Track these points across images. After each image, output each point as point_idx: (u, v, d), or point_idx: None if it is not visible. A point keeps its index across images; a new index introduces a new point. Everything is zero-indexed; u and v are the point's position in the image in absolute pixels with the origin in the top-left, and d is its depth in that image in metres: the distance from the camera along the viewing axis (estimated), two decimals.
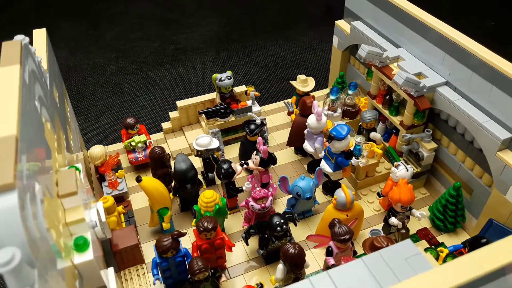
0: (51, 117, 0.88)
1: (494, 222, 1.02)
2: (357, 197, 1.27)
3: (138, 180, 1.07)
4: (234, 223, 1.21)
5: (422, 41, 1.18)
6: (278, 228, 1.00)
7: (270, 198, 1.09)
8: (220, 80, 1.36)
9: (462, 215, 1.13)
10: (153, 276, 0.98)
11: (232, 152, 1.43)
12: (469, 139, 1.11)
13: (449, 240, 1.14)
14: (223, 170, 1.12)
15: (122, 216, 1.20)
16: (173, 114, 1.50)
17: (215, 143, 1.24)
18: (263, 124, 1.29)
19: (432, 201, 1.24)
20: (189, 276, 0.97)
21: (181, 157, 1.17)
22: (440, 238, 1.15)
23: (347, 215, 1.07)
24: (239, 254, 1.14)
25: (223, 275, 1.02)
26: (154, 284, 0.98)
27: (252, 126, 1.27)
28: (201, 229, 0.98)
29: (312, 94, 1.48)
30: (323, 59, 2.13)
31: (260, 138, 1.15)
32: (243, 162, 1.17)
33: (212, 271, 0.99)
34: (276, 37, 2.33)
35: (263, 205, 1.07)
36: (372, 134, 1.29)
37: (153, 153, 1.19)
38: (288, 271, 0.95)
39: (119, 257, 1.06)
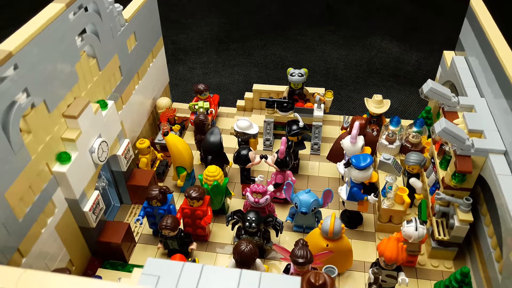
0: (102, 56, 1.06)
1: None
2: (371, 238, 1.16)
3: (165, 134, 1.20)
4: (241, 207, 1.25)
5: (500, 97, 0.98)
6: (247, 223, 1.01)
7: (267, 197, 1.09)
8: (291, 75, 1.37)
9: None
10: (138, 215, 1.11)
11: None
12: None
13: None
14: (236, 154, 1.17)
15: (158, 161, 1.36)
16: (247, 95, 1.58)
17: (253, 130, 1.28)
18: (305, 128, 1.26)
19: None
20: None
21: (215, 130, 1.25)
22: None
23: (327, 245, 1.01)
24: (229, 234, 1.18)
25: (194, 243, 1.09)
26: (135, 222, 1.11)
27: (294, 127, 1.26)
28: (186, 194, 1.07)
29: (384, 117, 1.37)
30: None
31: (284, 138, 1.15)
32: (262, 155, 1.19)
33: (182, 234, 1.07)
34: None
35: (256, 199, 1.09)
36: (412, 180, 1.14)
37: (197, 119, 1.30)
38: (236, 266, 0.96)
39: (131, 191, 1.23)
